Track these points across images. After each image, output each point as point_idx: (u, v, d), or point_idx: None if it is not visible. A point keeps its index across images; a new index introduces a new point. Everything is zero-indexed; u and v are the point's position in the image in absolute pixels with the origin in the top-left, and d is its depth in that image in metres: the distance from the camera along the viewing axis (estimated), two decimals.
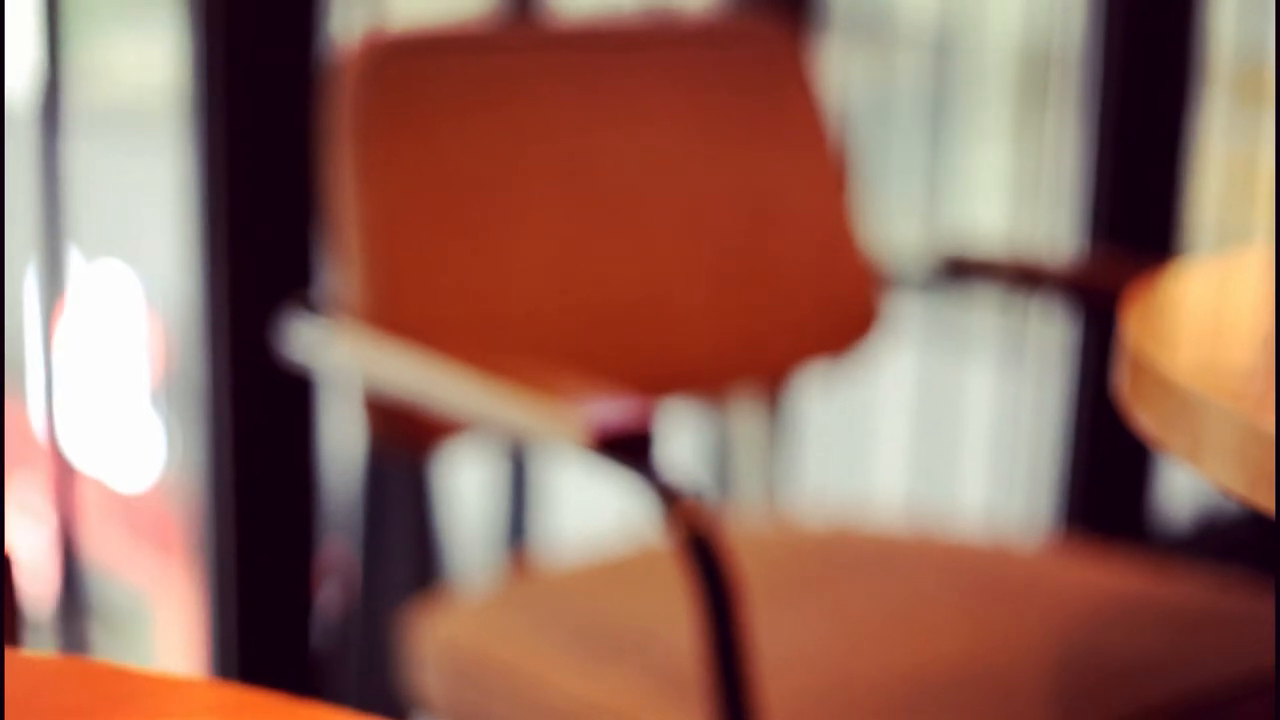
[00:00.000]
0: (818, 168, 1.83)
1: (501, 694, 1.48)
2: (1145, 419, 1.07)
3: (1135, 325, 1.15)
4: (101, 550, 4.78)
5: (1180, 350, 1.12)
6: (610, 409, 1.32)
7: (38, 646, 2.06)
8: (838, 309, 1.82)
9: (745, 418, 1.96)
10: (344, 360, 1.58)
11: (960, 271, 1.83)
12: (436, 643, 1.54)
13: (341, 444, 2.07)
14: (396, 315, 1.58)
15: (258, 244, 1.85)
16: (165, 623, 4.72)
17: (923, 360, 2.84)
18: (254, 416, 1.89)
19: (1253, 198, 3.15)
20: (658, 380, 1.72)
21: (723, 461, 2.34)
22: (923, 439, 2.92)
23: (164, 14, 1.87)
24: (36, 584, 2.12)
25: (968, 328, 3.01)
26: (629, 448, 1.31)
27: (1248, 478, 0.96)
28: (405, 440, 1.59)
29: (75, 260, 1.99)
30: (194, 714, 0.75)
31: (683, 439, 2.34)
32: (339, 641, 2.12)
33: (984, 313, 2.96)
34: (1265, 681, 1.46)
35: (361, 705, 2.11)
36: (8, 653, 0.78)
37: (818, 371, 1.83)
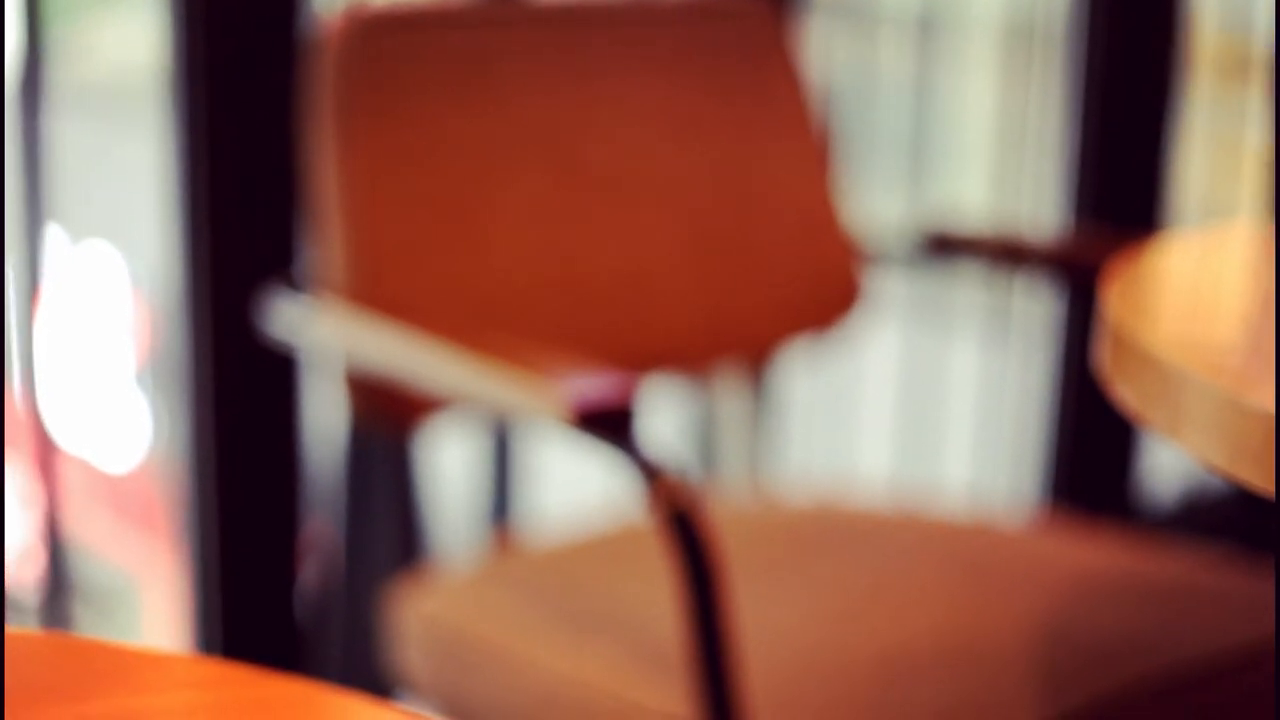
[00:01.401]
0: (801, 144, 1.83)
1: (484, 671, 1.48)
2: (1126, 393, 1.07)
3: (1116, 300, 1.15)
4: (87, 531, 4.77)
5: (1161, 324, 1.12)
6: (592, 385, 1.32)
7: (22, 625, 2.06)
8: (821, 285, 1.82)
9: (729, 395, 1.96)
10: (326, 338, 1.58)
11: (944, 248, 1.83)
12: (419, 620, 1.54)
13: (325, 422, 2.07)
14: (378, 293, 1.58)
15: (240, 223, 1.85)
16: (152, 602, 4.72)
17: (907, 337, 2.84)
18: (237, 395, 1.89)
19: (1237, 175, 3.15)
20: (641, 357, 1.72)
21: (706, 438, 2.34)
22: (907, 415, 2.92)
23: None
24: (21, 564, 2.12)
25: (952, 304, 3.01)
26: (610, 424, 1.31)
27: (1228, 451, 0.96)
28: (388, 418, 1.59)
29: (60, 240, 1.99)
30: (174, 688, 0.75)
31: (666, 416, 2.35)
32: (323, 619, 2.12)
33: (968, 289, 2.96)
34: (1251, 657, 1.46)
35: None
36: None
37: (801, 348, 1.83)
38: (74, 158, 2.08)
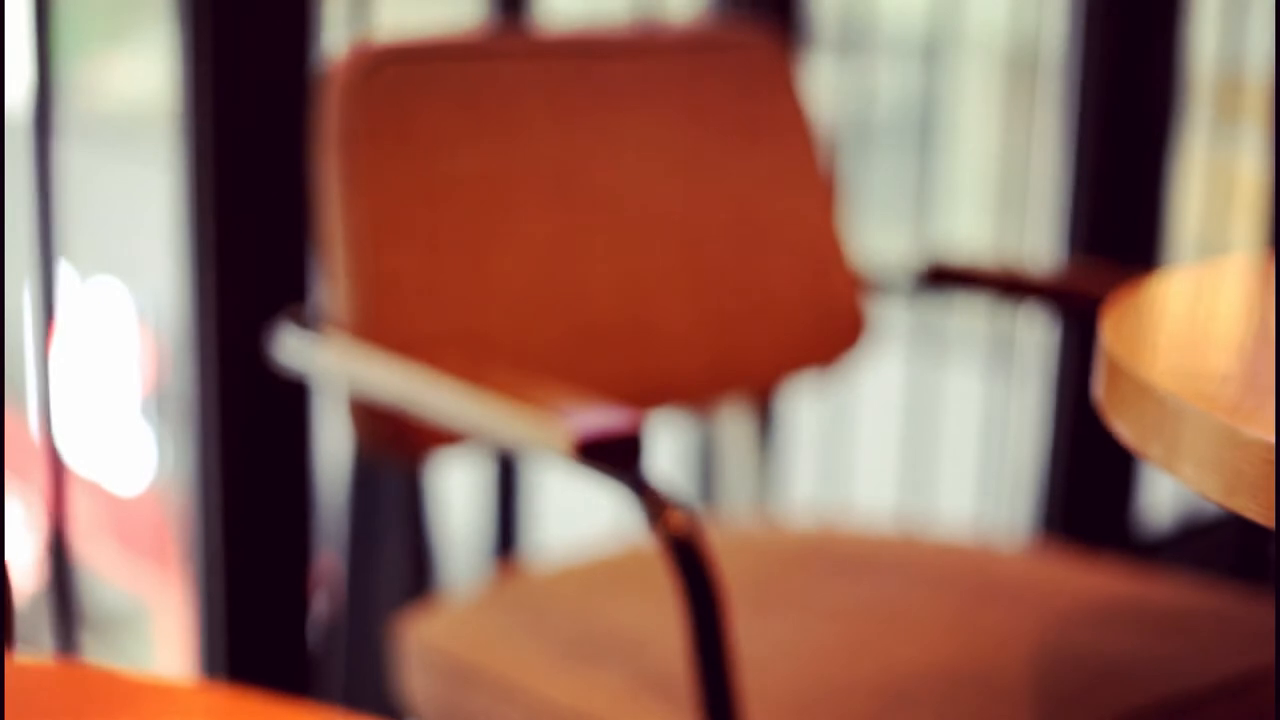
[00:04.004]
0: (805, 177, 1.84)
1: (489, 698, 1.48)
2: (1123, 425, 1.08)
3: (1113, 332, 1.16)
4: (100, 559, 4.77)
5: (1158, 356, 1.13)
6: (596, 418, 1.33)
7: (32, 653, 2.07)
8: (826, 321, 1.83)
9: (732, 424, 1.97)
10: (333, 371, 1.59)
11: (944, 280, 1.84)
12: (425, 647, 1.55)
13: (332, 452, 2.08)
14: (384, 327, 1.59)
15: (247, 257, 1.85)
16: (163, 631, 4.72)
17: (908, 367, 2.85)
18: (244, 428, 1.89)
19: (1233, 209, 3.16)
20: (646, 393, 1.72)
21: (709, 467, 2.35)
22: (907, 445, 2.93)
23: (157, 29, 1.88)
24: (31, 591, 2.12)
25: (952, 335, 3.02)
26: (614, 455, 1.32)
27: (1224, 482, 0.97)
28: (395, 449, 1.60)
29: (70, 274, 2.00)
30: (180, 715, 0.76)
31: (669, 444, 2.35)
32: (329, 646, 2.13)
33: (968, 321, 2.97)
34: (1247, 684, 1.47)
35: (351, 709, 2.11)
36: None
37: (804, 379, 1.84)
38: (85, 192, 2.09)
